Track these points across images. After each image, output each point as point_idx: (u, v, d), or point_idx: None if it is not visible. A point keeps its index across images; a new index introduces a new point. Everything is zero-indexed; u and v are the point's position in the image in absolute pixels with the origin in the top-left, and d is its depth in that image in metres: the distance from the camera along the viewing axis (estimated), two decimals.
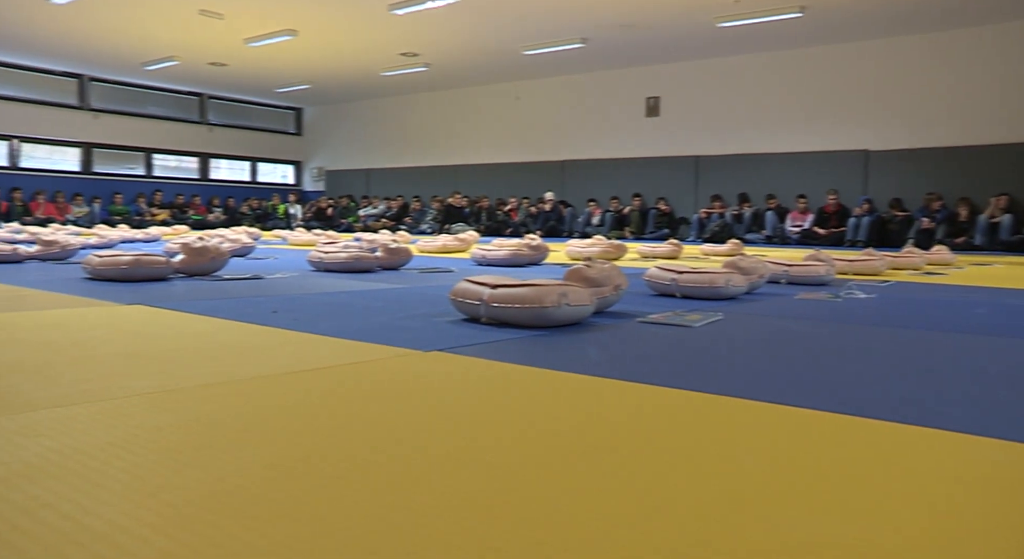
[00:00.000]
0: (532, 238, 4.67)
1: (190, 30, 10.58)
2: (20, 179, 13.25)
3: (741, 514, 0.63)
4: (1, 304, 2.04)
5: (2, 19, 10.31)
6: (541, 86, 13.20)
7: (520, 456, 0.79)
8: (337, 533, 0.58)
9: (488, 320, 1.79)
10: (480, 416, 0.95)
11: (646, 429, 0.91)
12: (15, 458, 0.74)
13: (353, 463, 0.75)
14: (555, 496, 0.67)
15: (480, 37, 10.57)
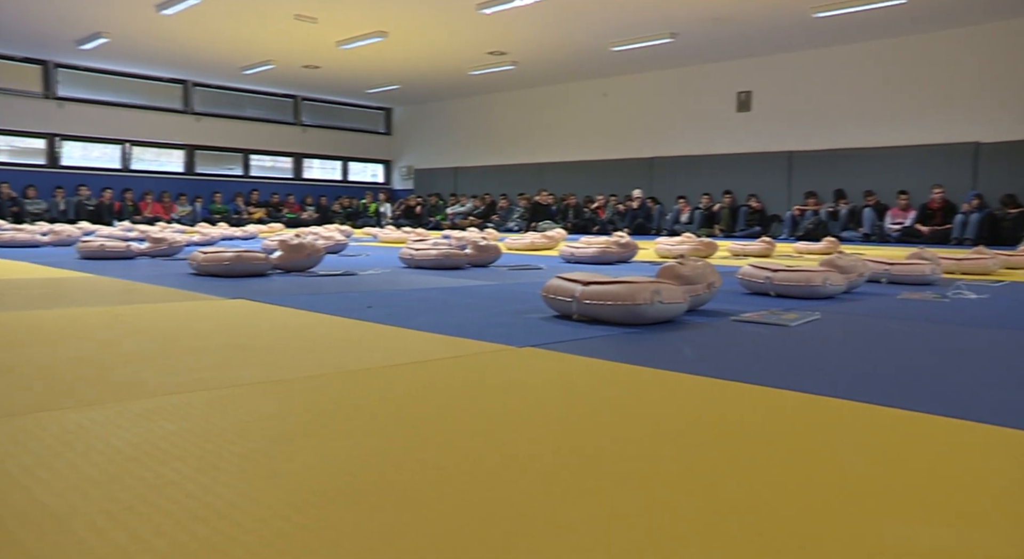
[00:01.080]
0: (620, 236, 4.64)
1: (286, 34, 10.93)
2: (130, 180, 13.97)
3: (845, 517, 0.62)
4: (118, 297, 2.16)
5: (118, 31, 10.89)
6: (629, 82, 13.08)
7: (621, 453, 0.79)
8: (445, 521, 0.59)
9: (580, 317, 1.79)
10: (578, 412, 0.96)
11: (744, 428, 0.89)
12: (143, 439, 0.78)
13: (457, 455, 0.77)
14: (655, 493, 0.66)
15: (567, 34, 10.55)
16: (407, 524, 0.58)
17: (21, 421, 0.85)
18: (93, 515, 0.58)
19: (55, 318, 1.70)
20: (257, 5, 9.51)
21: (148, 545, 0.53)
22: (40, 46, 12.16)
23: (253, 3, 9.43)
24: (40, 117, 13.28)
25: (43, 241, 5.12)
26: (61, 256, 4.06)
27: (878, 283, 2.94)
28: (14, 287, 2.40)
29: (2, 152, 13.12)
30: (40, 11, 10.02)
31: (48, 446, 0.76)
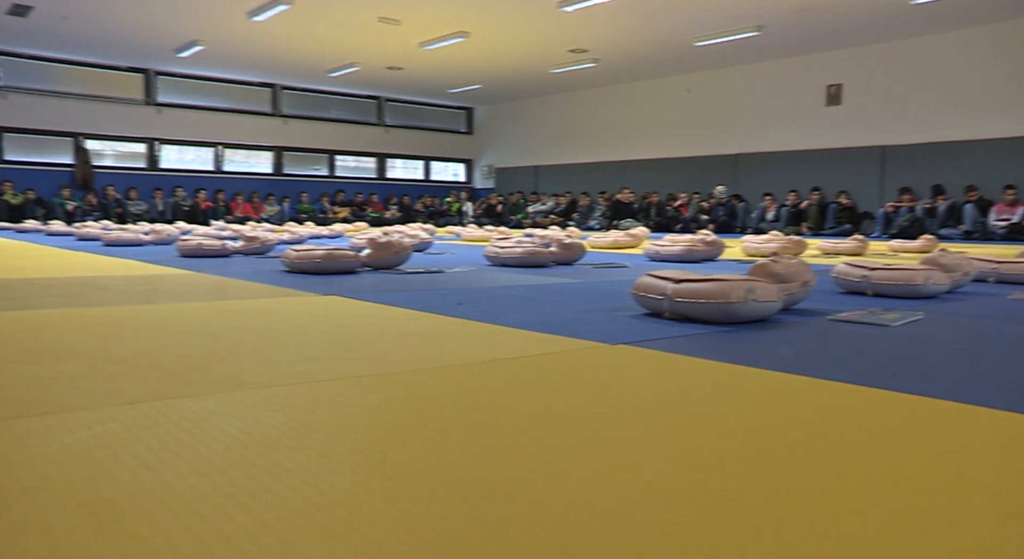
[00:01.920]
0: (706, 234, 4.56)
1: (370, 37, 11.15)
2: (223, 182, 14.51)
3: (959, 522, 0.59)
4: (217, 293, 2.24)
5: (212, 39, 11.32)
6: (712, 77, 12.84)
7: (721, 451, 0.77)
8: (550, 515, 0.59)
9: (671, 315, 1.77)
10: (677, 410, 0.94)
11: (846, 429, 0.86)
12: (255, 428, 0.81)
13: (560, 451, 0.77)
14: (758, 494, 0.65)
15: (650, 30, 10.44)
16: (518, 521, 0.58)
17: (143, 408, 0.89)
18: (218, 499, 0.61)
19: (162, 312, 1.78)
20: (342, 9, 9.74)
21: (272, 529, 0.55)
22: (142, 56, 12.75)
23: (339, 7, 9.66)
24: (141, 123, 13.92)
25: (145, 240, 5.36)
26: (162, 254, 4.24)
27: (985, 282, 2.81)
28: (122, 283, 2.52)
29: (107, 156, 13.80)
30: (143, 23, 10.50)
31: (170, 432, 0.79)
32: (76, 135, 13.37)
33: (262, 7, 9.59)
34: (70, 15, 10.25)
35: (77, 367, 1.13)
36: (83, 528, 0.55)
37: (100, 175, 13.38)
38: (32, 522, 0.56)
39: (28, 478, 0.65)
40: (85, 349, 1.28)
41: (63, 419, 0.84)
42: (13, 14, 10.24)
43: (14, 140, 12.96)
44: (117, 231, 5.65)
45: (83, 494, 0.61)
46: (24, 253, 4.18)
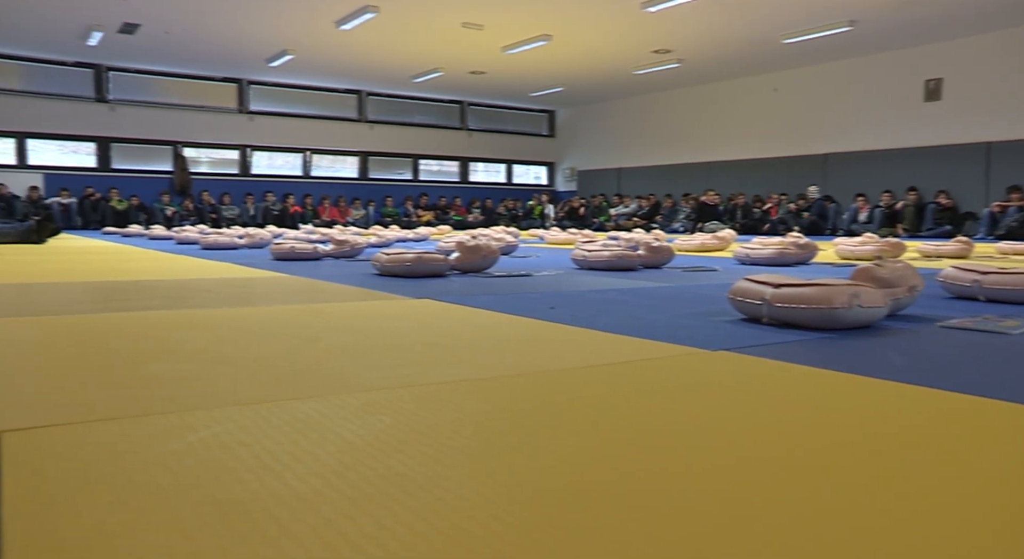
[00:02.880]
0: (798, 236, 4.43)
1: (453, 42, 11.28)
2: (310, 186, 14.92)
3: None
4: (313, 296, 2.30)
5: (302, 48, 11.66)
6: (801, 75, 12.50)
7: (839, 463, 0.74)
8: (672, 526, 0.57)
9: (770, 320, 1.72)
10: (784, 419, 0.91)
11: (971, 443, 0.82)
12: (366, 431, 0.82)
13: (673, 460, 0.75)
14: (877, 508, 0.62)
15: (736, 29, 10.23)
16: (637, 530, 0.57)
17: (257, 409, 0.92)
18: (338, 501, 0.62)
19: (262, 314, 1.83)
20: (427, 16, 9.89)
21: (393, 533, 0.55)
22: (236, 66, 13.23)
23: (423, 14, 9.81)
24: (234, 130, 14.45)
25: (240, 244, 5.56)
26: (256, 257, 4.39)
27: None
28: (222, 285, 2.61)
29: (203, 163, 14.38)
30: (237, 35, 10.90)
31: (285, 434, 0.81)
32: (175, 144, 13.98)
33: (349, 16, 9.82)
34: (172, 30, 10.73)
35: (190, 367, 1.17)
36: (216, 527, 0.56)
37: (196, 181, 13.95)
38: (170, 519, 0.58)
39: (162, 476, 0.67)
40: (195, 350, 1.33)
41: (184, 418, 0.87)
42: (123, 32, 10.79)
43: (120, 150, 13.64)
44: (214, 235, 5.87)
45: (213, 493, 0.63)
46: (131, 256, 4.39)
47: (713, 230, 9.22)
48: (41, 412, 0.90)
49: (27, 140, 12.93)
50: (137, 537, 0.54)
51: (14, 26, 10.72)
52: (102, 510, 0.59)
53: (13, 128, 12.73)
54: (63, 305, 2.00)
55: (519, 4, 9.35)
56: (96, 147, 13.48)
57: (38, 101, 12.84)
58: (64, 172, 13.14)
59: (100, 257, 4.25)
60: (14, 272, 3.07)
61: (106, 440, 0.78)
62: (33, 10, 9.85)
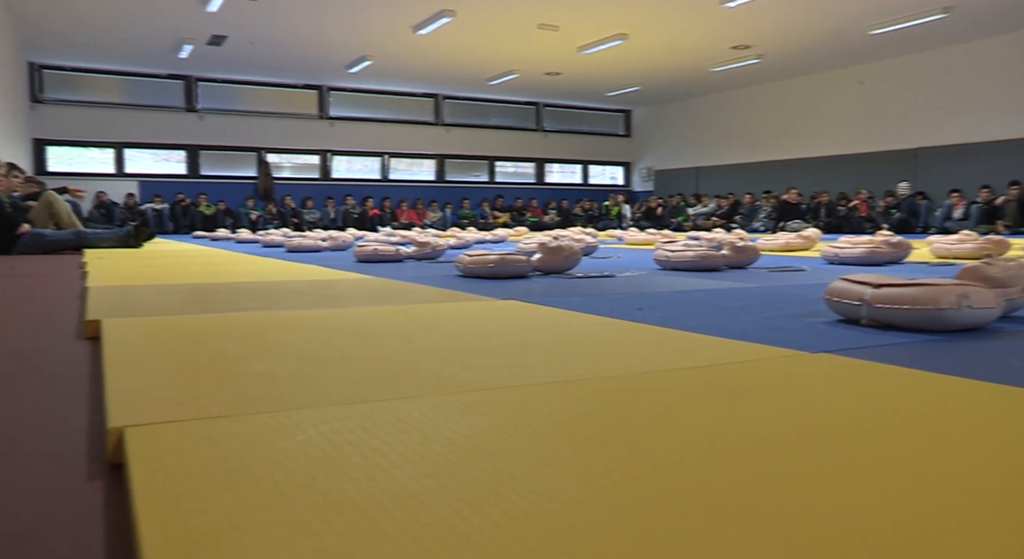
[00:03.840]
0: (889, 234, 4.28)
1: (529, 44, 11.31)
2: (388, 189, 15.18)
3: None
4: (398, 297, 2.33)
5: (380, 54, 11.88)
6: (889, 67, 12.07)
7: (967, 475, 0.70)
8: (788, 535, 0.55)
9: (869, 322, 1.66)
10: (905, 425, 0.87)
11: None
12: (471, 431, 0.82)
13: (783, 466, 0.73)
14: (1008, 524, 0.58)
15: (819, 21, 9.94)
16: (758, 539, 0.55)
17: (361, 408, 0.93)
18: (452, 502, 0.62)
19: (352, 315, 1.87)
20: (502, 18, 9.94)
21: (512, 534, 0.55)
22: (316, 73, 13.58)
23: (498, 16, 9.87)
24: (315, 136, 14.83)
25: (323, 246, 5.69)
26: (340, 259, 4.48)
27: None
28: (310, 287, 2.67)
29: (285, 168, 14.80)
30: (318, 42, 11.18)
31: (391, 434, 0.82)
32: (259, 150, 14.42)
33: (426, 21, 9.95)
34: (256, 41, 11.08)
35: (290, 367, 1.20)
36: (337, 525, 0.57)
37: (279, 186, 14.37)
38: (292, 516, 0.59)
39: (278, 473, 0.69)
40: (293, 349, 1.36)
41: (291, 417, 0.89)
42: (211, 44, 11.20)
43: (208, 157, 14.16)
44: (298, 238, 6.02)
45: (328, 491, 0.64)
46: (221, 259, 4.54)
47: (796, 229, 8.97)
48: (157, 409, 0.94)
49: (124, 150, 13.55)
50: (264, 533, 0.55)
51: (112, 43, 11.25)
52: (227, 506, 0.61)
53: (112, 139, 13.37)
54: (165, 306, 2.08)
55: (595, 4, 9.31)
56: (186, 155, 14.03)
57: (134, 112, 13.45)
58: (157, 179, 13.73)
59: (193, 260, 4.41)
60: (118, 275, 3.21)
61: (221, 437, 0.81)
62: (130, 27, 10.33)
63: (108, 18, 9.90)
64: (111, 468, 0.82)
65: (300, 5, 9.31)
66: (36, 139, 12.65)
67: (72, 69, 12.94)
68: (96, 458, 0.85)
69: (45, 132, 12.76)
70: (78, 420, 1.01)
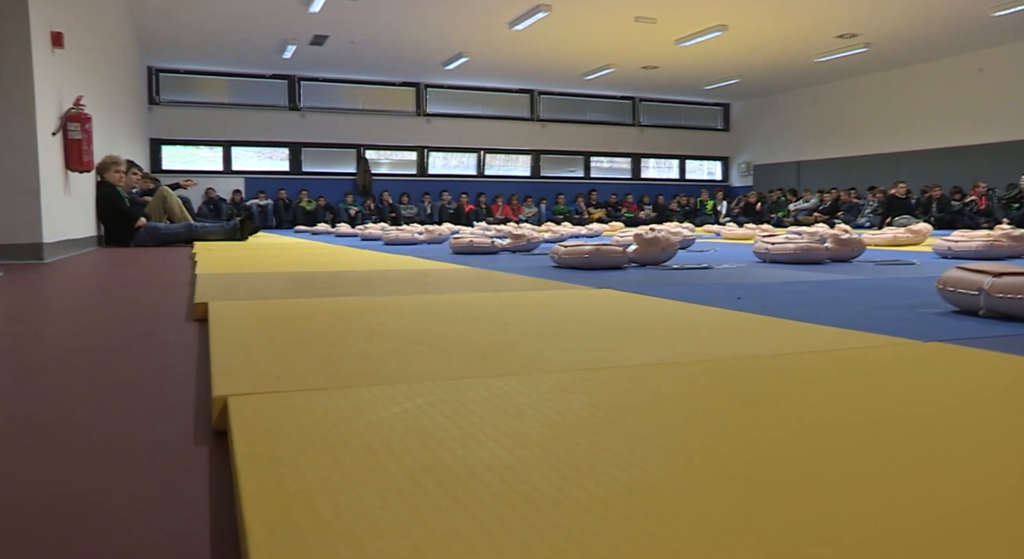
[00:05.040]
0: (1011, 228, 4.02)
1: (625, 37, 11.18)
2: (484, 185, 15.31)
3: None
4: (494, 285, 2.34)
5: (476, 50, 11.98)
6: (1012, 52, 11.36)
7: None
8: (890, 521, 0.52)
9: (987, 313, 1.56)
10: (1018, 412, 0.81)
11: None
12: (566, 408, 0.81)
13: (887, 453, 0.68)
14: None
15: (934, 5, 9.45)
16: (855, 521, 0.52)
17: (456, 384, 0.93)
18: (546, 472, 0.61)
19: (448, 301, 1.88)
20: (598, 12, 9.85)
21: (607, 505, 0.54)
22: (413, 70, 13.81)
23: (594, 10, 9.79)
24: (413, 132, 15.09)
25: (420, 239, 5.78)
26: (436, 251, 4.54)
27: None
28: (406, 276, 2.71)
29: (383, 165, 15.12)
30: (416, 40, 11.37)
31: (484, 407, 0.81)
32: (358, 147, 14.78)
33: (522, 16, 9.97)
34: (356, 40, 11.35)
35: (388, 346, 1.22)
36: (430, 489, 0.57)
37: (377, 182, 14.69)
38: (386, 480, 0.59)
39: (373, 441, 0.69)
40: (390, 331, 1.38)
41: (387, 391, 0.90)
42: (314, 44, 11.55)
43: (309, 154, 14.62)
44: (395, 231, 6.14)
45: (422, 458, 0.64)
46: (321, 251, 4.67)
47: (904, 225, 8.57)
48: (260, 381, 0.96)
49: (232, 148, 14.14)
50: (358, 494, 0.56)
51: (221, 46, 11.76)
52: (324, 468, 0.62)
53: (221, 137, 13.97)
54: (268, 291, 2.15)
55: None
56: (289, 152, 14.52)
57: (241, 112, 14.02)
58: (261, 176, 14.26)
59: (295, 252, 4.56)
60: (225, 264, 3.35)
61: (319, 407, 0.82)
62: (237, 29, 10.76)
63: (218, 22, 10.35)
64: (216, 435, 0.84)
65: (398, 4, 9.49)
66: (152, 139, 13.36)
67: (185, 72, 13.60)
68: (203, 425, 0.88)
69: (160, 132, 13.45)
70: (187, 392, 1.05)
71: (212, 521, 0.60)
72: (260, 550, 0.47)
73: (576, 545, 0.47)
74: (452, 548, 0.46)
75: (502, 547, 0.47)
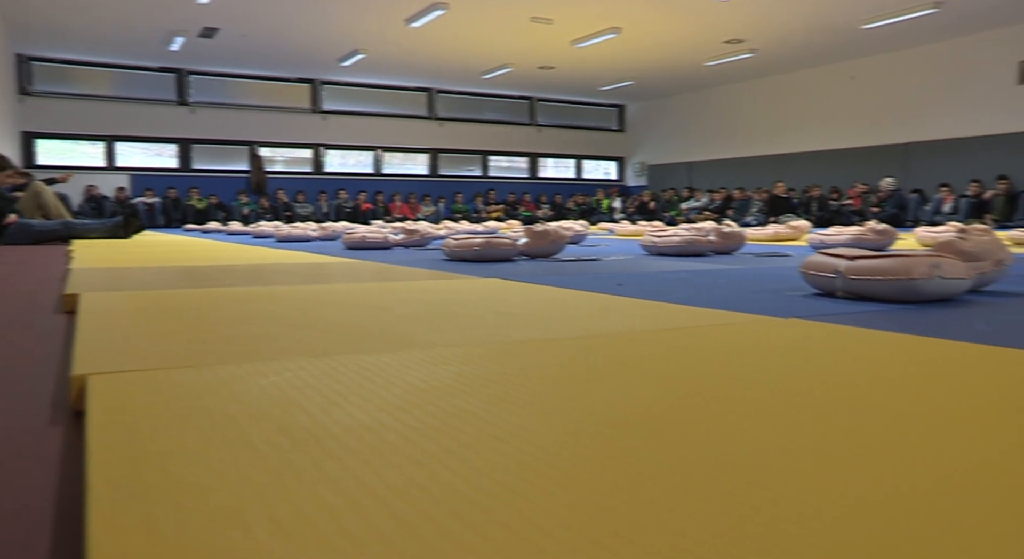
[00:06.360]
0: (876, 223, 4.29)
1: (522, 37, 11.30)
2: (382, 184, 15.16)
3: None
4: (383, 276, 2.34)
5: (373, 47, 11.85)
6: (881, 62, 12.09)
7: (925, 426, 0.71)
8: (723, 460, 0.56)
9: (845, 294, 1.67)
10: (868, 379, 0.88)
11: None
12: (432, 377, 0.83)
13: (738, 414, 0.74)
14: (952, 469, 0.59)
15: (812, 16, 9.96)
16: (692, 462, 0.56)
17: (325, 360, 0.94)
18: (403, 430, 0.62)
19: (336, 290, 1.87)
20: (496, 11, 9.93)
21: (458, 456, 0.56)
22: (309, 66, 13.54)
23: (492, 9, 9.85)
24: (308, 130, 14.79)
25: (313, 236, 5.69)
26: (330, 247, 4.48)
27: None
28: (297, 268, 2.67)
29: (278, 162, 14.77)
30: (311, 35, 11.15)
31: (352, 379, 0.82)
32: (251, 144, 14.38)
33: (419, 13, 9.94)
34: (249, 33, 11.04)
35: (270, 329, 1.21)
36: (282, 445, 0.58)
37: (272, 180, 14.33)
38: (241, 440, 0.59)
39: (233, 408, 0.69)
40: (272, 316, 1.36)
41: (258, 366, 0.90)
42: (203, 36, 11.16)
43: (200, 150, 14.12)
44: (288, 228, 6.02)
45: (280, 421, 0.65)
46: (211, 248, 4.54)
47: (787, 222, 9.00)
48: (124, 360, 0.94)
49: (115, 143, 13.51)
50: (212, 453, 0.56)
51: (100, 35, 11.21)
52: (180, 434, 0.61)
53: (103, 132, 13.31)
54: (148, 283, 2.08)
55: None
56: (178, 149, 13.98)
57: (125, 105, 13.40)
58: (148, 173, 13.68)
59: (183, 248, 4.41)
60: (104, 259, 3.21)
61: (183, 382, 0.81)
62: (119, 18, 10.28)
63: (96, 9, 9.86)
64: (75, 415, 0.82)
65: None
66: (25, 132, 12.60)
67: (61, 61, 12.88)
68: (61, 408, 0.86)
69: (34, 125, 12.70)
70: (46, 377, 1.01)
71: (59, 493, 0.59)
72: (101, 504, 0.46)
73: (415, 486, 0.49)
74: (296, 492, 0.48)
75: (342, 488, 0.48)
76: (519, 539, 0.41)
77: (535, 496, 0.48)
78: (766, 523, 0.44)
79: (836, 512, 0.45)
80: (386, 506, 0.46)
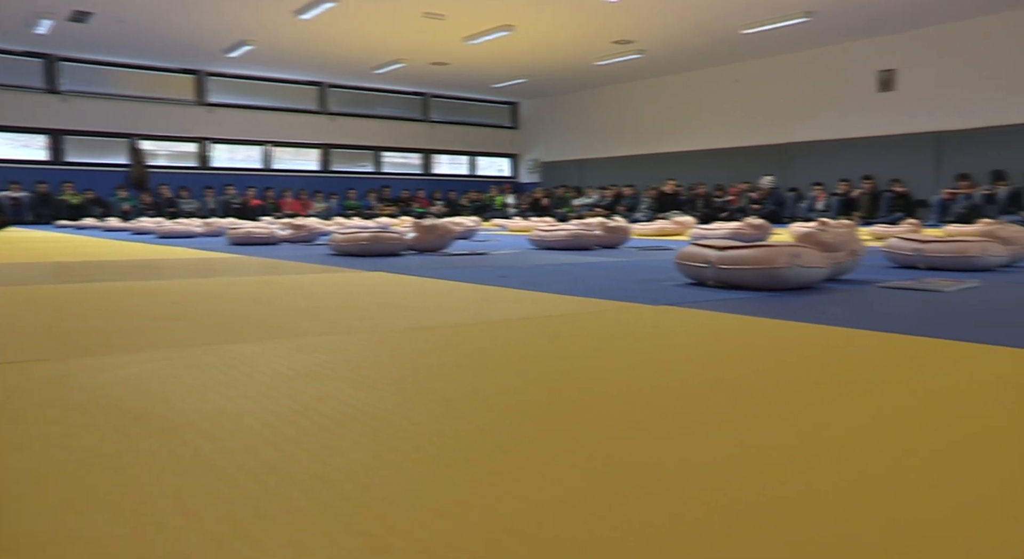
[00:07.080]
0: (754, 219, 4.50)
1: (415, 33, 11.22)
2: (271, 179, 14.76)
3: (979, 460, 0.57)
4: (267, 271, 2.29)
5: (261, 39, 11.50)
6: (761, 66, 12.66)
7: (780, 399, 0.76)
8: (591, 430, 0.59)
9: (715, 283, 1.75)
10: (718, 352, 0.94)
11: (915, 372, 0.85)
12: (301, 364, 0.83)
13: (601, 382, 0.77)
14: (814, 442, 0.64)
15: (696, 19, 10.32)
16: (551, 432, 0.59)
17: (192, 351, 0.92)
18: (264, 416, 0.62)
19: (217, 285, 1.82)
20: (387, 5, 9.81)
21: (316, 438, 0.56)
22: (193, 57, 13.02)
23: (384, 3, 9.74)
24: (193, 123, 14.22)
25: (198, 232, 5.49)
26: (214, 243, 4.34)
27: None
28: (178, 264, 2.58)
29: (161, 156, 14.14)
30: (194, 24, 10.72)
31: (217, 368, 0.81)
32: (131, 136, 13.71)
33: (308, 5, 9.71)
34: (126, 19, 10.52)
35: (143, 323, 1.17)
36: (133, 433, 0.57)
37: (154, 175, 13.71)
38: (88, 428, 0.58)
39: (84, 398, 0.67)
40: (150, 310, 1.32)
41: (120, 358, 0.87)
42: (74, 20, 10.54)
43: (74, 142, 13.36)
44: (170, 224, 5.79)
45: (134, 410, 0.63)
46: (86, 244, 4.31)
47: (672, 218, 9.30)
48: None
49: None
50: (56, 442, 0.54)
51: None
52: (25, 426, 0.59)
53: None
54: (16, 278, 1.97)
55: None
56: (48, 140, 13.19)
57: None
58: (15, 166, 12.84)
59: (55, 245, 4.17)
60: None
61: (37, 375, 0.78)
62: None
63: None
64: None
65: None
66: None
67: None
68: None
69: None
70: None
71: None
72: None
73: (269, 468, 0.49)
74: (141, 478, 0.47)
75: (191, 472, 0.48)
76: (364, 512, 0.42)
77: (384, 470, 0.49)
78: (611, 489, 0.46)
79: (689, 481, 0.48)
80: (235, 487, 0.46)
